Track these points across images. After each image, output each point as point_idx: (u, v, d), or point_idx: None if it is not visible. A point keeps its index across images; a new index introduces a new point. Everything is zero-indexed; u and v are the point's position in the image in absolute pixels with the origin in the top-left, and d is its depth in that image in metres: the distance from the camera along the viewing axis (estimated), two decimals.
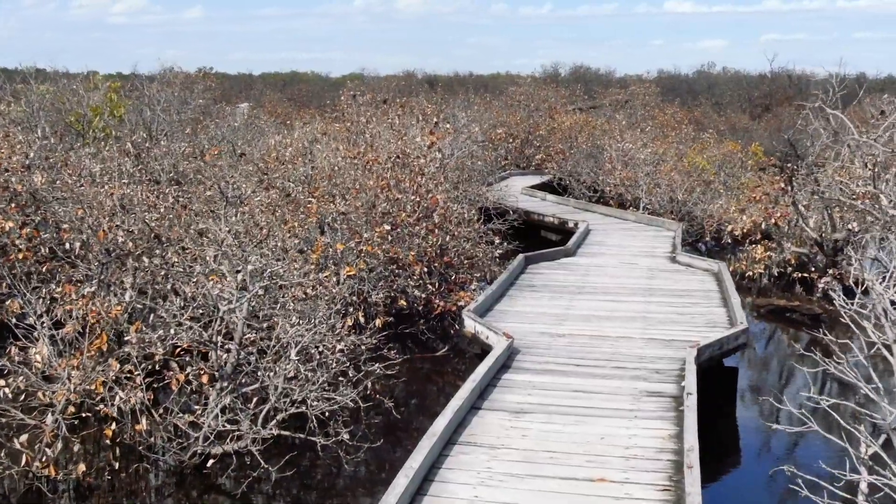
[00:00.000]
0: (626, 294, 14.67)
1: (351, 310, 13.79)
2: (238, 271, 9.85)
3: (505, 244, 18.08)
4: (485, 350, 11.73)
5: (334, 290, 10.46)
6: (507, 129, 36.72)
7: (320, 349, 9.32)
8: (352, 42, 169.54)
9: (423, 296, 14.60)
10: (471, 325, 12.17)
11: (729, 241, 22.15)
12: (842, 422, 6.99)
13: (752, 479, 10.33)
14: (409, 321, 14.63)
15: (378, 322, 13.92)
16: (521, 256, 16.90)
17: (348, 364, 9.61)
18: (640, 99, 46.39)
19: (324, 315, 9.69)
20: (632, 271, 16.66)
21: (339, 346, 9.23)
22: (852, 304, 7.69)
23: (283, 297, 9.99)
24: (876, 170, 14.19)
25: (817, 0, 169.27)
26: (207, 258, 10.01)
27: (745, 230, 19.51)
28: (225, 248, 9.95)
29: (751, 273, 18.31)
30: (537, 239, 24.72)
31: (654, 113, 42.38)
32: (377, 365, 9.80)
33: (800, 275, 17.55)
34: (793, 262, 17.85)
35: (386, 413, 10.18)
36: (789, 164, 17.76)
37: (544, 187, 31.09)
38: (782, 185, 17.50)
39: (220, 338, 9.51)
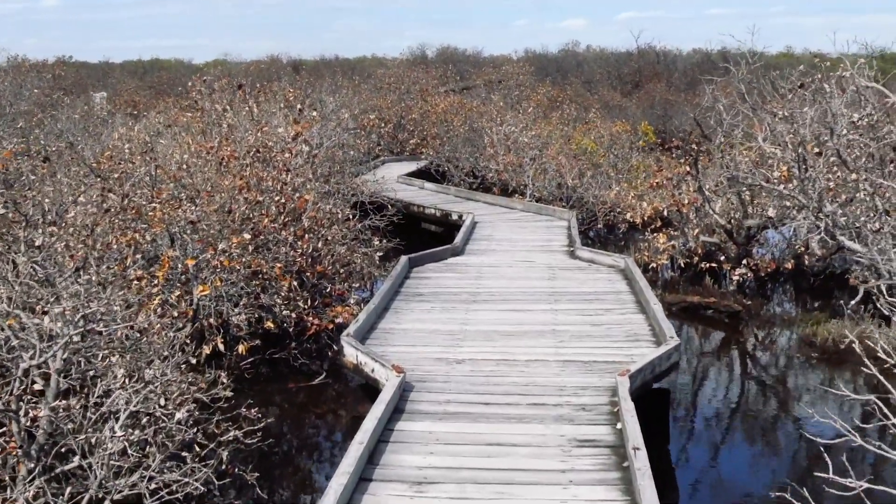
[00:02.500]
0: (528, 301, 12.83)
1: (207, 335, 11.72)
2: (45, 312, 7.49)
3: (384, 242, 16.05)
4: (369, 383, 9.74)
5: (175, 333, 8.15)
6: (379, 113, 34.64)
7: (157, 414, 7.08)
8: (216, 28, 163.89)
9: (294, 315, 12.40)
10: (352, 353, 10.09)
11: (621, 227, 20.71)
12: None
13: None
14: (279, 344, 12.46)
15: (241, 348, 11.83)
16: (404, 259, 14.90)
17: (197, 430, 7.38)
18: (514, 79, 44.86)
19: (161, 367, 7.43)
20: (530, 271, 14.86)
21: (178, 415, 6.98)
22: None
23: (107, 342, 7.68)
24: (800, 150, 12.74)
25: None
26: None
27: (644, 217, 17.98)
28: (23, 283, 7.57)
29: (654, 264, 16.76)
30: (418, 232, 22.82)
31: (528, 93, 40.93)
32: (234, 430, 7.57)
33: (707, 265, 16.10)
34: (699, 251, 16.36)
35: (249, 487, 7.95)
36: (694, 146, 16.24)
37: (421, 174, 29.19)
38: (687, 168, 15.99)
39: (24, 404, 7.17)
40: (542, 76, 55.67)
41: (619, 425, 7.87)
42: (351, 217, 15.67)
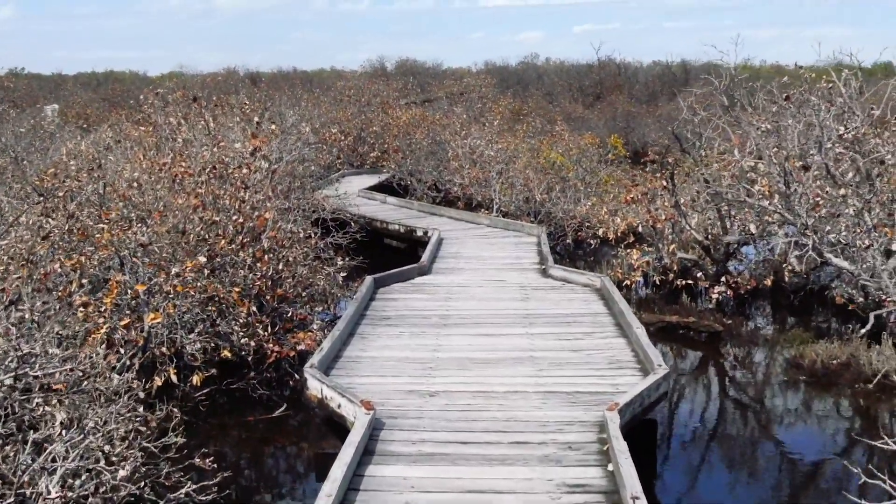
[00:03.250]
0: (502, 324, 12.15)
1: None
2: None
3: (347, 260, 15.32)
4: (335, 419, 9.00)
5: (121, 376, 7.34)
6: (339, 126, 33.94)
7: (98, 469, 6.30)
8: (172, 40, 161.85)
9: (253, 342, 11.60)
10: (316, 387, 9.35)
11: (591, 242, 20.09)
12: None
13: None
14: (236, 373, 11.67)
15: (196, 379, 11.04)
16: (369, 279, 14.17)
17: (144, 484, 6.61)
18: (476, 91, 44.33)
19: (104, 415, 6.64)
20: (501, 291, 14.19)
21: (122, 472, 6.21)
22: None
23: (43, 386, 6.87)
24: (785, 164, 12.21)
25: None
26: None
27: (618, 233, 17.41)
28: None
29: (628, 282, 16.15)
30: (381, 248, 22.13)
31: (491, 106, 40.46)
32: (189, 482, 6.79)
33: (683, 282, 15.53)
34: (675, 268, 15.78)
35: None
36: (670, 160, 15.68)
37: (383, 188, 28.49)
38: (664, 182, 15.41)
39: None
40: (503, 88, 55.34)
41: (610, 466, 7.23)
42: (312, 235, 14.92)
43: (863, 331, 11.79)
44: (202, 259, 11.41)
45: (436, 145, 28.26)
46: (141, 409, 7.31)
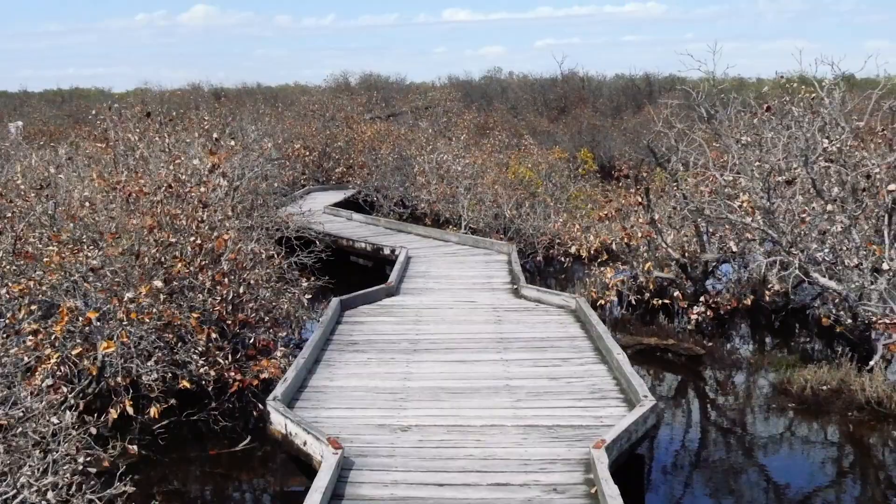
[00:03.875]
0: (475, 349, 11.60)
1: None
2: None
3: (312, 280, 14.71)
4: (299, 456, 8.40)
5: (56, 424, 6.68)
6: (303, 141, 33.33)
7: None
8: (136, 57, 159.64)
9: (213, 371, 10.94)
10: (280, 422, 8.74)
11: (562, 260, 19.58)
12: None
13: None
14: (197, 404, 11.02)
15: (154, 411, 10.40)
16: (335, 301, 13.58)
17: None
18: (441, 105, 43.86)
19: (41, 464, 5.99)
20: (473, 314, 13.63)
21: None
22: None
23: None
24: (769, 179, 11.80)
25: (587, 6, 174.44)
26: None
27: (591, 250, 16.92)
28: None
29: (602, 301, 15.65)
30: (347, 266, 21.52)
31: (456, 120, 40.02)
32: None
33: (660, 302, 15.06)
34: (651, 287, 15.31)
35: None
36: (645, 176, 15.23)
37: (349, 204, 27.90)
38: (639, 198, 14.94)
39: None
40: (468, 102, 54.91)
41: None
42: (276, 255, 14.29)
43: (871, 362, 11.29)
44: (158, 283, 10.76)
45: (402, 160, 27.75)
46: (82, 460, 6.63)
